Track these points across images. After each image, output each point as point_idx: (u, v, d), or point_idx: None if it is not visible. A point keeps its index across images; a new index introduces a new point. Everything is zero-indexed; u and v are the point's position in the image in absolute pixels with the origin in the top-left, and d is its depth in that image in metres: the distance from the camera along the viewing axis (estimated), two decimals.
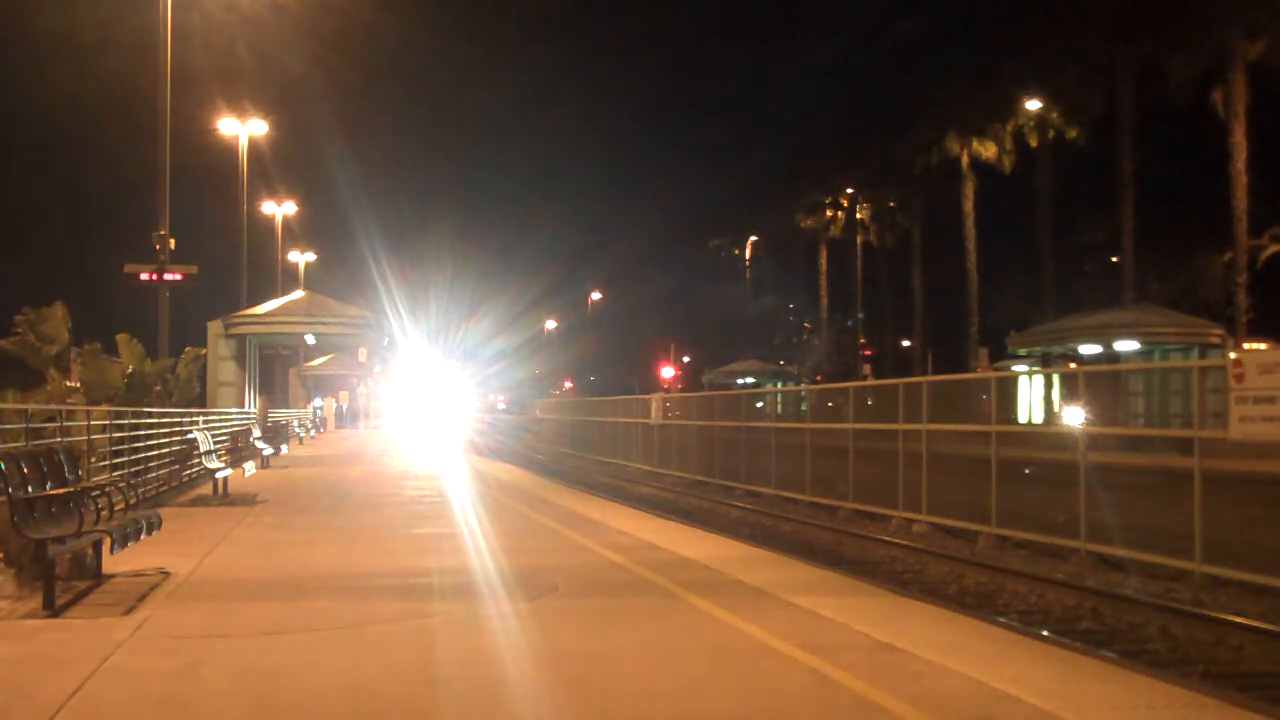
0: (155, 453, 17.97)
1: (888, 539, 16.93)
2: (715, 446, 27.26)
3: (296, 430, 40.73)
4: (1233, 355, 14.25)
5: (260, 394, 38.94)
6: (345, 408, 63.14)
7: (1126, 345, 32.22)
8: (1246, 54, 37.57)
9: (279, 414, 41.46)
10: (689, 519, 18.92)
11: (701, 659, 6.70)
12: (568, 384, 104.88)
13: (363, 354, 50.95)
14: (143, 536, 9.31)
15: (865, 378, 50.36)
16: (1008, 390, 19.41)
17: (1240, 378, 11.89)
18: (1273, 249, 42.61)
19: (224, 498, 16.96)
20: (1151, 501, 13.89)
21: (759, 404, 29.63)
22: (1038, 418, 19.54)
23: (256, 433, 26.32)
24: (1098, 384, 16.95)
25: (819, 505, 20.97)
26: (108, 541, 8.71)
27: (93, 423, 14.96)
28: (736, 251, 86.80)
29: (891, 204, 61.71)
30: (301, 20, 36.49)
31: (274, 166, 49.39)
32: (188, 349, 32.44)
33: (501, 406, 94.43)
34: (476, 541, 12.21)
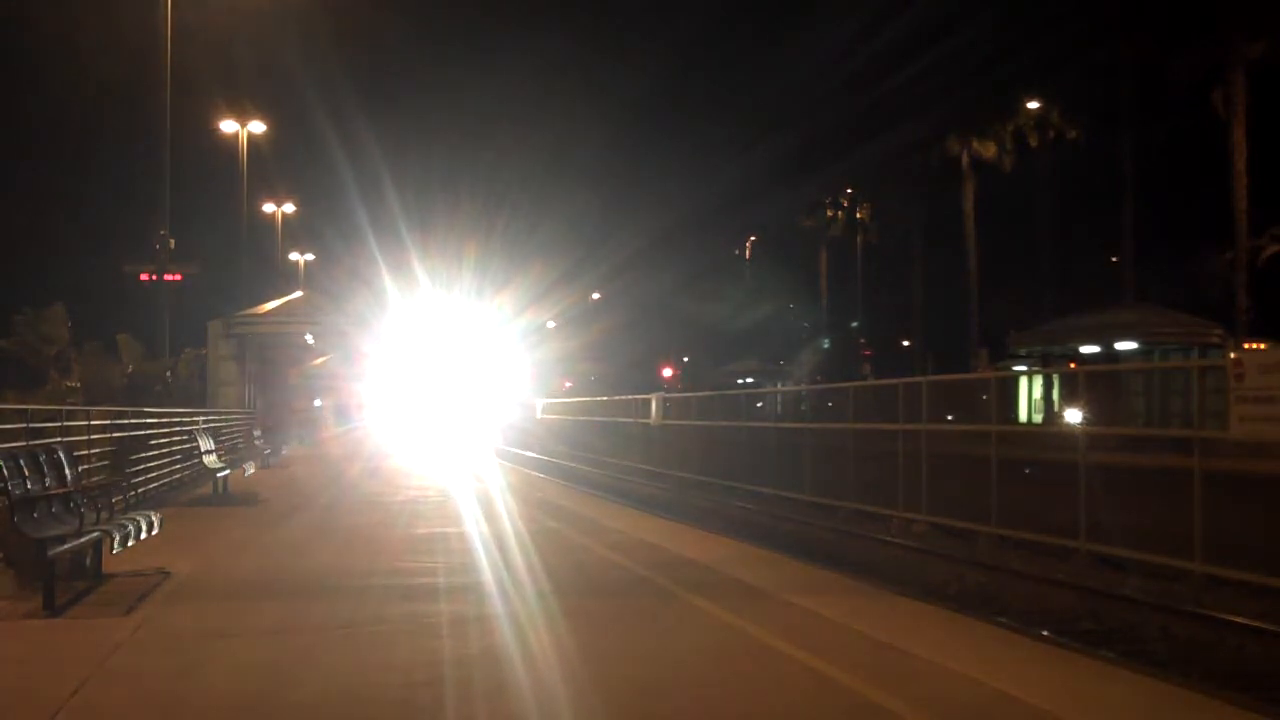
0: (155, 452, 17.97)
1: (888, 539, 16.92)
2: (715, 447, 27.22)
3: (296, 430, 40.72)
4: (1233, 355, 14.24)
5: (260, 394, 38.93)
6: (346, 407, 63.16)
7: (1126, 345, 32.12)
8: (1246, 54, 37.53)
9: (279, 413, 41.39)
10: (689, 519, 18.91)
11: (701, 659, 6.70)
12: (567, 384, 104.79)
13: (363, 353, 50.93)
14: (143, 536, 9.31)
15: (865, 377, 50.21)
16: (1008, 390, 19.40)
17: (1240, 377, 11.89)
18: (1273, 249, 42.52)
19: (224, 497, 16.97)
20: (1151, 501, 13.85)
21: (759, 404, 29.60)
22: (1038, 417, 19.55)
23: (257, 432, 26.33)
24: (1097, 384, 16.91)
25: (819, 505, 20.93)
26: (108, 541, 8.71)
27: (93, 423, 14.94)
28: (736, 251, 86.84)
29: (891, 204, 61.71)
30: (304, 8, 36.50)
31: (275, 163, 49.27)
32: (187, 349, 32.51)
33: (501, 406, 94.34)
34: (475, 541, 12.20)
